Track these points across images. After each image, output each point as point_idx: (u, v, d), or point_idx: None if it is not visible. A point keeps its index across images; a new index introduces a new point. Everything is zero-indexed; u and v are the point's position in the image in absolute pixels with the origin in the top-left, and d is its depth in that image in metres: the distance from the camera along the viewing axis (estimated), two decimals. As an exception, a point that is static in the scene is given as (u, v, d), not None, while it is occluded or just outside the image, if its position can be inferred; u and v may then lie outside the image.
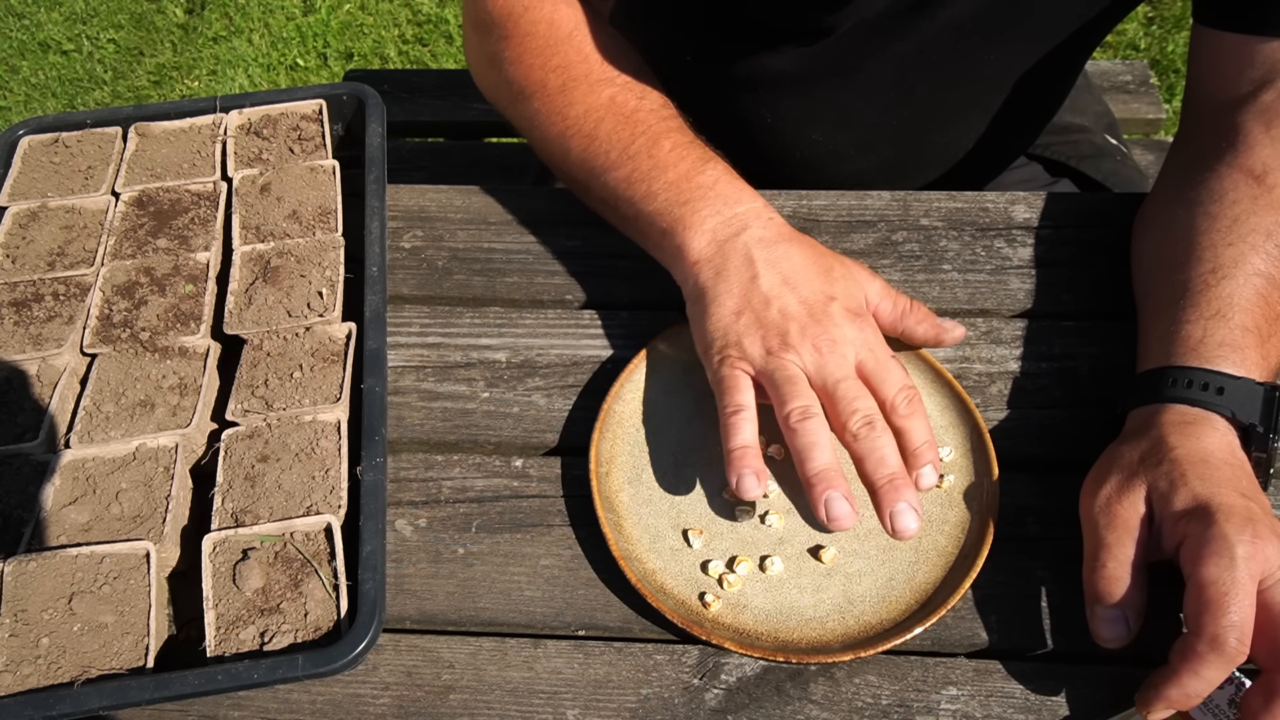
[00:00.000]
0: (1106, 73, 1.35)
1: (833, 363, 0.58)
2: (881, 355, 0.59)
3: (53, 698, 0.49)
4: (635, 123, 0.68)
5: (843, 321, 0.59)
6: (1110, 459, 0.56)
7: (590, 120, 0.69)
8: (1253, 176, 0.61)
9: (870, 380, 0.58)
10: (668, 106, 0.70)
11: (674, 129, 0.68)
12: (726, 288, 0.61)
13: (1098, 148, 0.94)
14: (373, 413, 0.60)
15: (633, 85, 0.70)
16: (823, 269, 0.61)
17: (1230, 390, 0.54)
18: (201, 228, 0.71)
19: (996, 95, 0.81)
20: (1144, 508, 0.52)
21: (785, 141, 0.87)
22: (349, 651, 0.50)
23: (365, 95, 0.78)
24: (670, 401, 0.65)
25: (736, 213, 0.63)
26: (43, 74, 2.29)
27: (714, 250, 0.62)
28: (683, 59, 0.89)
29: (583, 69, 0.70)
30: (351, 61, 2.27)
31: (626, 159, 0.66)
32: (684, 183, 0.64)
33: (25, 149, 0.77)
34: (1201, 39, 0.67)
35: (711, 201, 0.64)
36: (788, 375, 0.57)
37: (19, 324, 0.66)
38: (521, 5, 0.73)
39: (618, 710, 0.54)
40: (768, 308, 0.59)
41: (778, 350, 0.58)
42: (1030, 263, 0.72)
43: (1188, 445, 0.53)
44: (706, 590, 0.57)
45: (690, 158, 0.66)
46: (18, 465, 0.59)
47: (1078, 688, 0.54)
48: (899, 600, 0.56)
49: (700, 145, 0.67)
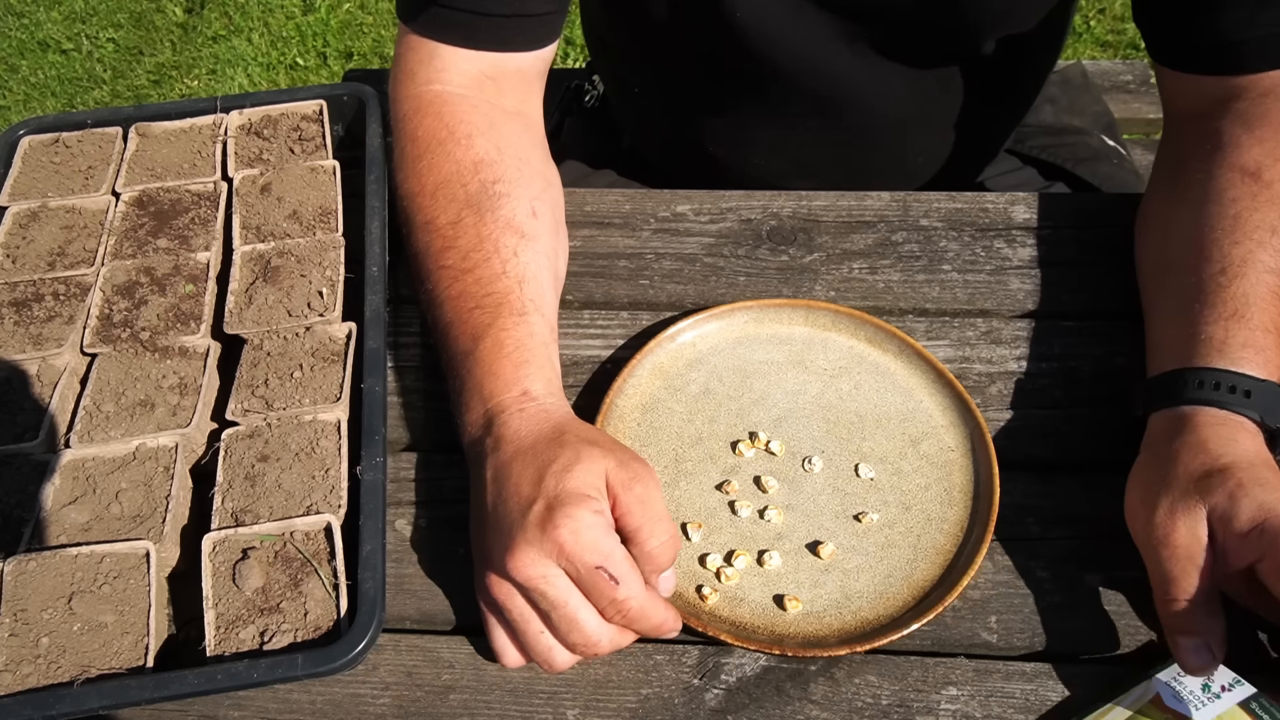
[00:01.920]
0: (1106, 72, 1.35)
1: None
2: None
3: (53, 697, 0.49)
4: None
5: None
6: (1153, 474, 0.54)
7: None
8: (1248, 174, 0.61)
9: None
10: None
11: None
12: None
13: (1094, 150, 0.94)
14: (373, 413, 0.60)
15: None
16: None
17: (1257, 394, 0.54)
18: (202, 228, 0.71)
19: (938, 106, 0.82)
20: (1204, 533, 0.51)
21: (729, 165, 0.89)
22: (349, 651, 0.50)
23: (365, 96, 0.78)
24: (671, 397, 0.66)
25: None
26: (42, 73, 2.29)
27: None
28: (631, 90, 0.90)
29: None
30: (351, 61, 2.27)
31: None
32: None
33: (25, 149, 0.77)
34: (1170, 77, 0.69)
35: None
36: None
37: (19, 324, 0.66)
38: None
39: (618, 710, 0.54)
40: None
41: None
42: (1030, 263, 0.72)
43: (1234, 452, 0.52)
44: (704, 583, 0.58)
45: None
46: (18, 465, 0.59)
47: (1077, 688, 0.54)
48: (896, 597, 0.56)
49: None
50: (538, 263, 0.64)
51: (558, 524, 0.50)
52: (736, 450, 0.63)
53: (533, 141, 0.73)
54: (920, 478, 0.61)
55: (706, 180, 0.82)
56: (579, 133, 1.05)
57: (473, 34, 0.71)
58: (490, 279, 0.62)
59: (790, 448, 0.63)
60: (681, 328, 0.68)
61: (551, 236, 0.68)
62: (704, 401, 0.65)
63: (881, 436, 0.63)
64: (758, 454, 0.63)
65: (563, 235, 0.70)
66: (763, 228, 0.76)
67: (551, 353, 0.62)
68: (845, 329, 0.68)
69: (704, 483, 0.62)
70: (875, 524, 0.59)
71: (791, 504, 0.61)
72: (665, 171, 0.96)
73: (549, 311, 0.64)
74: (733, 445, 0.63)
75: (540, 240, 0.66)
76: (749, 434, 0.64)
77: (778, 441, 0.63)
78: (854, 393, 0.65)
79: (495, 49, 0.72)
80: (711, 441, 0.63)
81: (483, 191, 0.66)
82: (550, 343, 0.62)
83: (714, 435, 0.64)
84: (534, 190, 0.68)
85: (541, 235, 0.66)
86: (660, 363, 0.67)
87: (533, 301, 0.62)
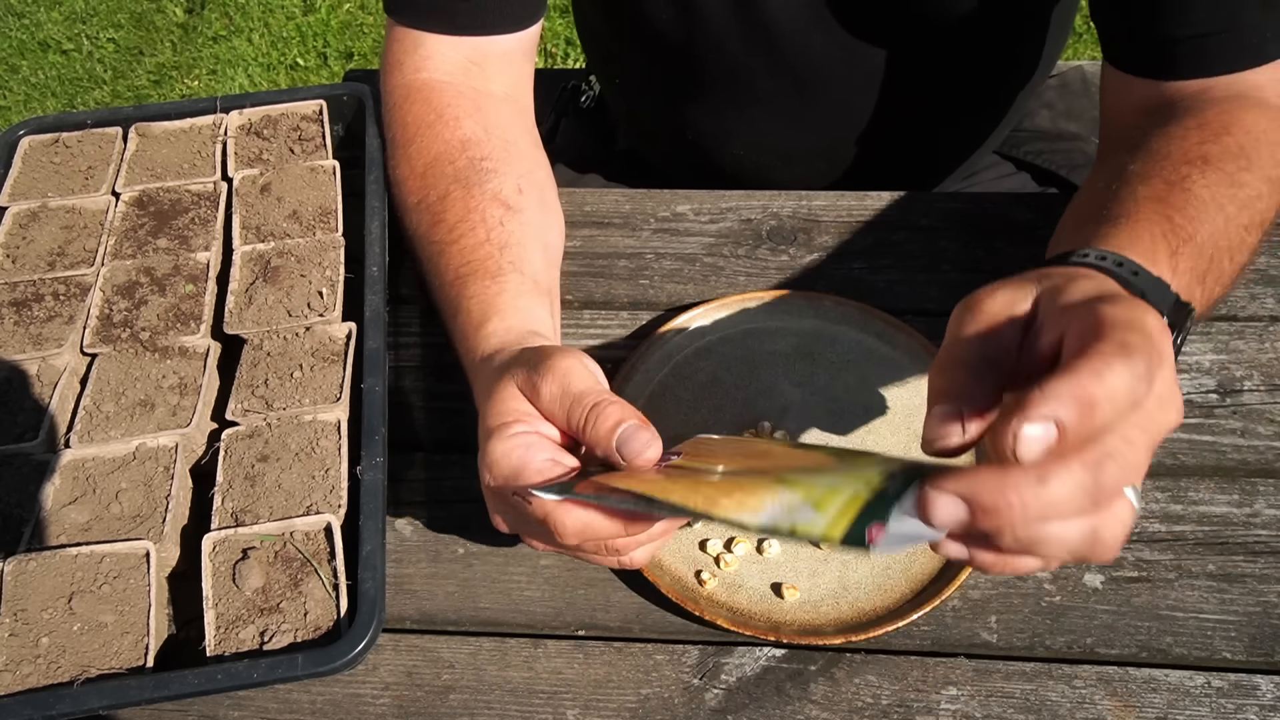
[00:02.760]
0: (1106, 73, 1.35)
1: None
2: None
3: (52, 697, 0.49)
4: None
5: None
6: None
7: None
8: (1140, 150, 0.59)
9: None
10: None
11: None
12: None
13: (1089, 157, 0.94)
14: (373, 413, 0.60)
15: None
16: None
17: (1144, 277, 0.48)
18: (202, 228, 0.71)
19: (917, 90, 0.82)
20: (1023, 309, 0.42)
21: (711, 156, 0.89)
22: (349, 651, 0.50)
23: (365, 96, 0.78)
24: (679, 385, 0.66)
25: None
26: (42, 73, 2.29)
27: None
28: (614, 79, 0.91)
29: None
30: (351, 61, 2.26)
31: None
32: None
33: (26, 149, 0.77)
34: (1111, 78, 0.68)
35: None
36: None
37: (19, 324, 0.66)
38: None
39: (618, 710, 0.54)
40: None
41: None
42: (1030, 263, 0.72)
43: (1104, 284, 0.43)
44: (703, 568, 0.58)
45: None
46: (18, 465, 0.59)
47: (1077, 688, 0.54)
48: (894, 589, 0.56)
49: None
50: (523, 231, 0.65)
51: (480, 470, 0.49)
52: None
53: (521, 126, 0.73)
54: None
55: (696, 175, 0.82)
56: (574, 133, 1.05)
57: (454, 19, 0.72)
58: (473, 247, 0.63)
59: (795, 439, 0.63)
60: (691, 316, 0.68)
61: (538, 211, 0.68)
62: (711, 390, 0.66)
63: (886, 430, 0.63)
64: (762, 445, 0.63)
65: (553, 213, 0.70)
66: (763, 227, 0.76)
67: (522, 303, 0.60)
68: (854, 323, 0.68)
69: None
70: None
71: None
72: (656, 166, 0.96)
73: (531, 271, 0.63)
74: (738, 434, 0.63)
75: (527, 213, 0.66)
76: (755, 424, 0.64)
77: (782, 432, 0.63)
78: (861, 386, 0.65)
79: (478, 33, 0.72)
80: (717, 430, 0.64)
81: (470, 167, 0.67)
82: (524, 294, 0.60)
83: (720, 424, 0.64)
84: (520, 169, 0.69)
85: (528, 209, 0.66)
86: (669, 351, 0.67)
87: (511, 264, 0.62)
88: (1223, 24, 0.61)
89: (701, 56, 0.80)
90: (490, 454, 0.48)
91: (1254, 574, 0.57)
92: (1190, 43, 0.62)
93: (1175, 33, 0.62)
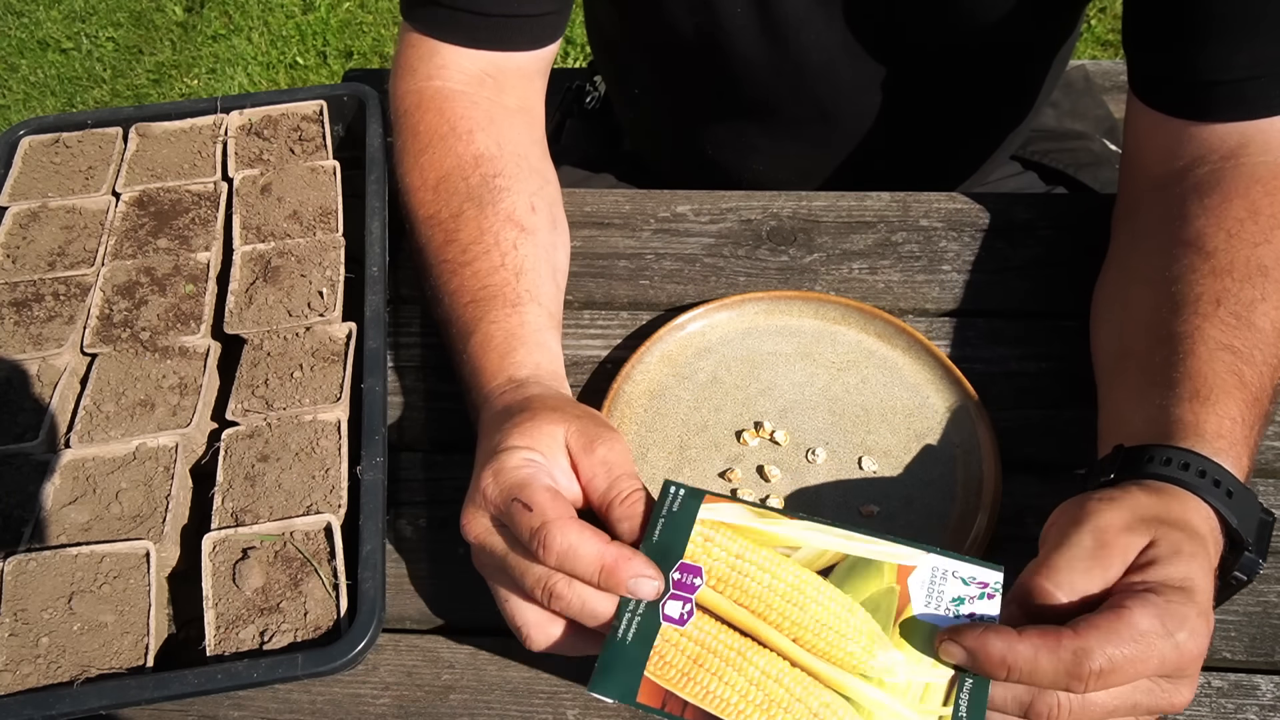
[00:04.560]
0: (1108, 72, 1.35)
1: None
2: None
3: (53, 697, 0.49)
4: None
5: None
6: (1108, 494, 0.49)
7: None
8: (1192, 247, 0.58)
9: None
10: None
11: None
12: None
13: (1096, 155, 0.94)
14: (373, 413, 0.60)
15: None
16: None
17: (1239, 498, 0.49)
18: (202, 228, 0.71)
19: (937, 115, 0.82)
20: (1134, 552, 0.46)
21: (729, 171, 0.89)
22: (349, 651, 0.50)
23: (366, 96, 0.78)
24: (679, 384, 0.66)
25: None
26: (42, 72, 2.29)
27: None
28: (632, 90, 0.91)
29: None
30: (351, 60, 2.26)
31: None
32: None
33: (26, 149, 0.77)
34: (1140, 115, 0.66)
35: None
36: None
37: (19, 324, 0.66)
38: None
39: (618, 710, 0.54)
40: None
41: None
42: (1030, 263, 0.72)
43: (1203, 527, 0.47)
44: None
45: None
46: (18, 465, 0.59)
47: (1077, 688, 0.54)
48: None
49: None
50: (536, 255, 0.65)
51: (482, 474, 0.50)
52: (741, 439, 0.63)
53: (532, 139, 0.73)
54: (923, 473, 0.61)
55: (706, 184, 0.82)
56: (579, 134, 1.05)
57: (474, 34, 0.71)
58: (488, 271, 0.63)
59: (795, 438, 0.63)
60: (692, 316, 0.68)
61: (549, 231, 0.68)
62: (711, 390, 0.66)
63: (886, 430, 0.63)
64: (762, 443, 0.63)
65: (561, 231, 0.71)
66: (763, 228, 0.76)
67: (545, 339, 0.61)
68: (855, 323, 0.68)
69: (707, 469, 0.62)
70: (876, 516, 0.59)
71: (793, 493, 0.61)
72: (664, 174, 0.96)
73: (546, 301, 0.64)
74: (737, 434, 0.63)
75: (539, 234, 0.66)
76: (754, 423, 0.64)
77: (782, 432, 0.63)
78: (861, 386, 0.65)
79: (496, 48, 0.72)
80: (717, 429, 0.64)
81: (483, 185, 0.66)
82: (545, 329, 0.62)
83: (719, 423, 0.64)
84: (532, 186, 0.68)
85: (540, 229, 0.67)
86: (669, 351, 0.67)
87: (529, 292, 0.62)
88: (1264, 70, 0.59)
89: (729, 86, 0.80)
90: (502, 461, 0.50)
91: (1254, 574, 0.57)
92: (1229, 86, 0.60)
93: (1216, 77, 0.60)
